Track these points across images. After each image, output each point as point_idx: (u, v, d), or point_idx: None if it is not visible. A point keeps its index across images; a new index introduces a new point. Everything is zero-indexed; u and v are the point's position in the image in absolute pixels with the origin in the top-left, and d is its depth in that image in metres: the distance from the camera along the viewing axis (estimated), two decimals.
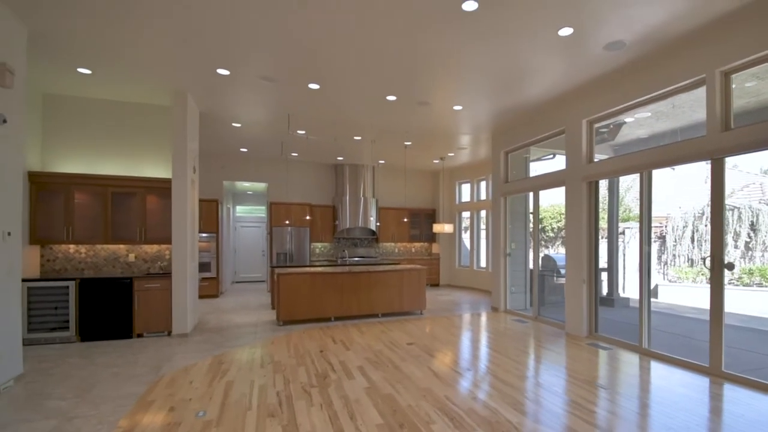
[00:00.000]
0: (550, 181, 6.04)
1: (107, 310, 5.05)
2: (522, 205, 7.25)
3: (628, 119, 5.26)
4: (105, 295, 5.05)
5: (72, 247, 5.39)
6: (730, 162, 4.15)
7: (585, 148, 5.29)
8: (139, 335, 5.20)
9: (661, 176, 4.85)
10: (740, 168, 9.12)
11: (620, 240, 8.51)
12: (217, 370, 3.93)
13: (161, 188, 5.44)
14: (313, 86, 5.08)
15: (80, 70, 4.65)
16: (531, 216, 6.87)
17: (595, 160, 5.29)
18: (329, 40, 3.93)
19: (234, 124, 6.72)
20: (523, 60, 4.36)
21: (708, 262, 3.91)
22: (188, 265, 5.37)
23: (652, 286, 8.09)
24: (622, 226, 9.03)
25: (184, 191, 5.32)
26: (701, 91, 4.03)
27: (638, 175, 4.68)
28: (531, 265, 7.15)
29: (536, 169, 7.02)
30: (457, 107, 5.88)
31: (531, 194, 6.69)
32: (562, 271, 7.60)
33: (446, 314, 7.02)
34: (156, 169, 5.71)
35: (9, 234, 3.55)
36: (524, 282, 7.35)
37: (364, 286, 6.44)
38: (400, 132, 7.20)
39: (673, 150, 4.27)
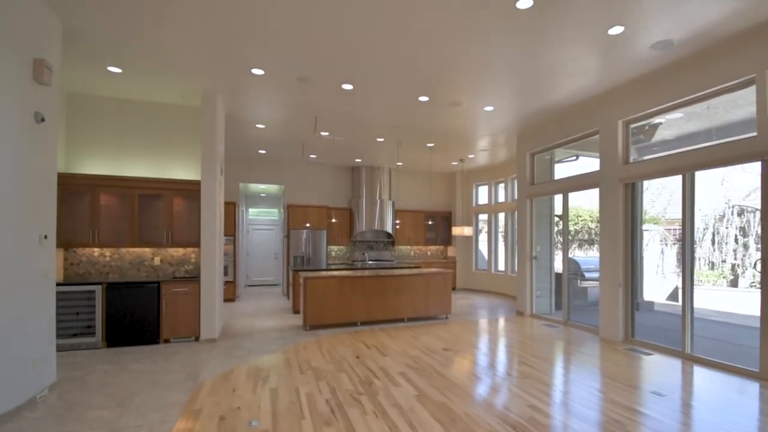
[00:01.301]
0: (582, 182, 5.94)
1: (134, 315, 4.92)
2: (546, 207, 7.15)
3: (660, 120, 5.18)
4: (132, 299, 4.91)
5: (96, 251, 5.26)
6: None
7: (621, 150, 5.21)
8: (166, 341, 5.07)
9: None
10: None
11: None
12: (256, 377, 3.81)
13: (188, 190, 5.32)
14: (347, 87, 4.99)
15: (110, 68, 4.55)
16: (556, 218, 6.78)
17: (631, 161, 5.21)
18: (372, 39, 3.84)
19: (258, 126, 6.62)
20: (564, 59, 4.29)
21: (759, 265, 3.83)
22: (216, 268, 5.26)
23: (671, 290, 7.98)
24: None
25: (213, 194, 5.20)
26: (740, 92, 3.99)
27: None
28: (556, 269, 7.05)
29: (559, 171, 6.94)
30: (488, 108, 5.80)
31: (557, 196, 6.61)
32: (586, 275, 7.52)
33: (471, 318, 6.91)
34: (182, 171, 5.59)
35: (45, 237, 3.44)
36: (549, 285, 7.25)
37: (390, 290, 6.32)
38: (426, 133, 7.11)
39: (719, 150, 4.19)
